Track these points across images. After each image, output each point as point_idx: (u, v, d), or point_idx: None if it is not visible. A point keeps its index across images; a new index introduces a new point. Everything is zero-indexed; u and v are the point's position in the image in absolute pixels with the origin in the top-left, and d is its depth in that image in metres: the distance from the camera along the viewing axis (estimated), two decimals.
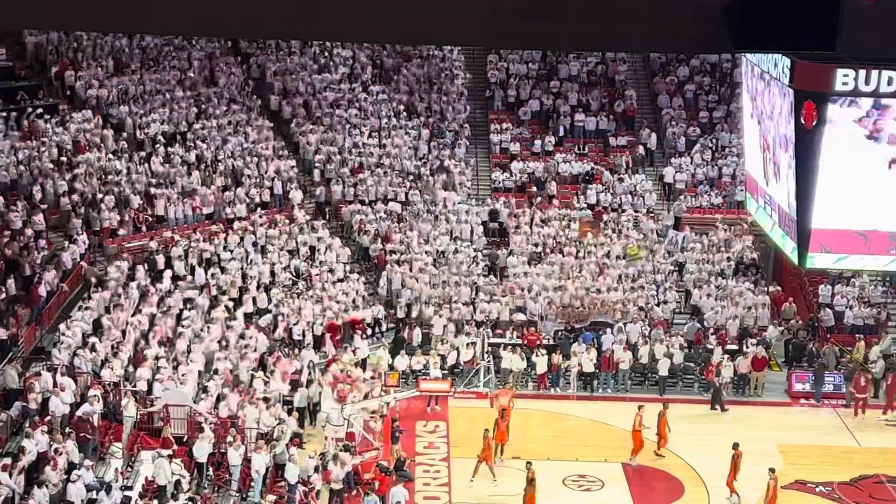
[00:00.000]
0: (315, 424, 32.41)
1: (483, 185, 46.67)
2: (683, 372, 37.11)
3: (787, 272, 40.96)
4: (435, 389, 34.86)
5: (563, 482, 30.65)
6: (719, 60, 50.30)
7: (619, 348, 36.77)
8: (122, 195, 39.14)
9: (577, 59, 50.63)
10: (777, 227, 25.47)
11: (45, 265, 34.41)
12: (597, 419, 34.91)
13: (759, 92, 25.45)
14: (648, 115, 49.83)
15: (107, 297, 34.09)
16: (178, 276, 37.18)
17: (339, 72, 49.37)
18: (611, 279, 40.17)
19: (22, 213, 36.20)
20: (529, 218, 43.73)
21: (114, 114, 43.18)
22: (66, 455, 25.64)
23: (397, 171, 45.08)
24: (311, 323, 36.42)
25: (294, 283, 38.52)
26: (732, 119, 47.06)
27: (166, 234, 38.89)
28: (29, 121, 40.61)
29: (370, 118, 47.52)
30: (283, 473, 28.05)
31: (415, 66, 50.39)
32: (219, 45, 49.23)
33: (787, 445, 33.24)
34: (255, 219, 40.83)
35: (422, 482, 30.28)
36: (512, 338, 37.81)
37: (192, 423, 28.71)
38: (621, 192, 45.04)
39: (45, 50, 44.73)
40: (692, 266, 41.59)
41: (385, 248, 41.02)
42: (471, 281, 40.00)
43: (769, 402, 36.50)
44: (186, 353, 31.93)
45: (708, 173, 46.27)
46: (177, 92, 45.68)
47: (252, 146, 44.32)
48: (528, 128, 48.71)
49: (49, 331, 32.92)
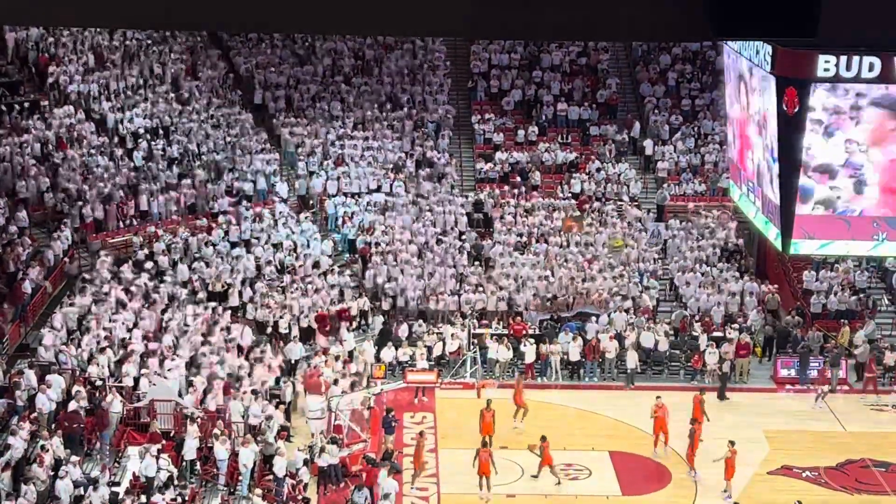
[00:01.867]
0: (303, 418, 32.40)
1: (467, 175, 46.67)
2: (669, 359, 37.22)
3: (772, 259, 41.11)
4: (422, 381, 34.90)
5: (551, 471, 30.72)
6: (701, 48, 50.39)
7: (604, 337, 36.85)
8: (104, 190, 39.01)
9: (560, 49, 50.65)
10: (760, 213, 25.50)
11: (28, 262, 34.28)
12: (583, 408, 34.99)
13: (740, 79, 25.48)
14: (631, 103, 49.89)
15: (91, 292, 33.99)
16: (161, 270, 37.09)
17: (321, 64, 49.29)
18: (595, 268, 40.23)
19: (5, 209, 36.05)
20: (514, 208, 43.76)
21: (95, 109, 43.03)
22: (53, 451, 25.58)
23: (381, 162, 45.05)
24: (297, 316, 36.40)
25: (279, 276, 38.48)
26: (715, 107, 47.15)
27: (150, 229, 38.81)
28: (10, 117, 40.43)
29: (353, 110, 47.46)
30: (271, 467, 28.04)
31: (396, 57, 50.33)
32: (200, 38, 49.08)
33: (773, 431, 33.40)
34: (238, 212, 40.74)
35: (409, 473, 30.28)
36: (498, 328, 37.87)
37: (179, 418, 28.68)
38: (604, 181, 45.09)
39: (25, 45, 44.52)
40: (676, 253, 41.69)
41: (369, 240, 41.01)
42: (456, 272, 40.03)
43: (755, 388, 36.64)
44: (172, 348, 31.86)
45: (691, 161, 46.36)
46: (158, 86, 45.54)
47: (235, 139, 44.22)
48: (511, 118, 48.72)
49: (33, 328, 32.82)
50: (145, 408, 28.97)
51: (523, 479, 30.23)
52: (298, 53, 49.79)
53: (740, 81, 25.57)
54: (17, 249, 34.43)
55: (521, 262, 40.50)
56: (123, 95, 44.29)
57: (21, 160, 38.70)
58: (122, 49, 46.66)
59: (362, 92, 48.46)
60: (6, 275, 33.29)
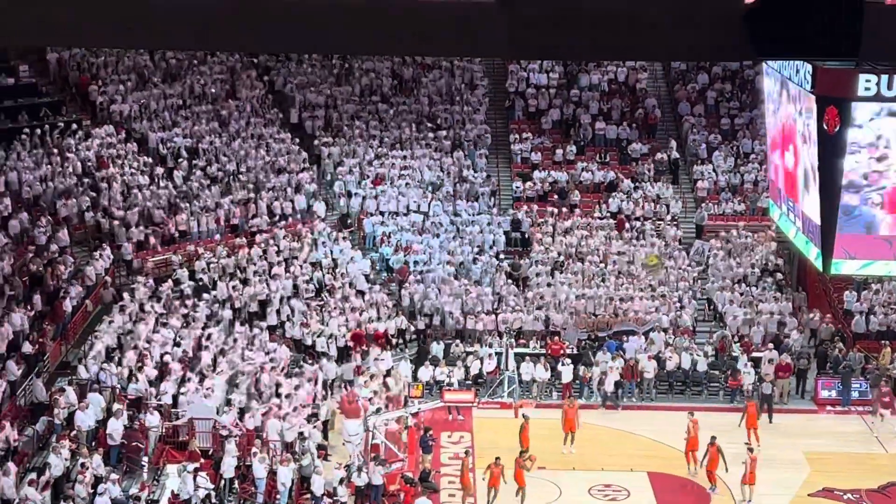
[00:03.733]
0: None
1: (505, 194, 46.67)
2: (708, 380, 36.98)
3: (812, 278, 40.75)
4: (459, 400, 34.84)
5: (589, 492, 30.57)
6: (741, 67, 50.16)
7: (643, 357, 36.68)
8: (145, 210, 39.31)
9: (598, 68, 50.62)
10: (800, 233, 25.37)
11: (70, 280, 34.57)
12: (622, 428, 34.79)
13: (780, 98, 25.37)
14: (669, 122, 49.76)
15: (131, 311, 34.23)
16: (201, 289, 37.29)
17: (359, 83, 49.52)
18: (634, 287, 40.08)
19: (46, 228, 36.40)
20: (552, 227, 43.70)
21: (136, 128, 43.43)
22: (93, 469, 25.74)
23: (418, 182, 45.14)
24: (335, 335, 36.47)
25: (317, 295, 38.58)
26: (755, 126, 46.94)
27: (189, 248, 39.05)
28: (52, 137, 40.87)
29: (391, 129, 47.61)
30: (309, 486, 28.06)
31: (434, 76, 50.48)
32: (239, 59, 49.47)
33: (814, 453, 33.04)
34: (277, 232, 40.93)
35: (447, 493, 30.23)
36: (535, 348, 37.78)
37: (218, 437, 28.77)
38: (643, 200, 44.95)
39: (67, 66, 45.03)
40: (716, 273, 41.46)
41: (407, 259, 41.06)
42: (493, 291, 39.99)
43: (795, 409, 36.29)
44: (211, 367, 32.00)
45: (730, 180, 46.14)
46: (198, 106, 45.93)
47: (274, 159, 44.47)
48: (549, 137, 48.69)
49: (74, 346, 33.08)
50: (184, 426, 29.08)
51: (561, 499, 30.08)
52: (337, 73, 50.03)
53: (780, 101, 25.46)
54: (58, 268, 34.73)
55: (558, 282, 40.41)
56: (164, 115, 44.69)
57: (62, 179, 39.08)
58: (164, 69, 47.11)
59: (400, 111, 48.62)
60: (47, 293, 33.57)
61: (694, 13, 11.16)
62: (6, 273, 33.06)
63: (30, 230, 36.19)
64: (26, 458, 26.79)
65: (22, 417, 28.36)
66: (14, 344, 30.28)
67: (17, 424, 27.55)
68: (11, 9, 12.90)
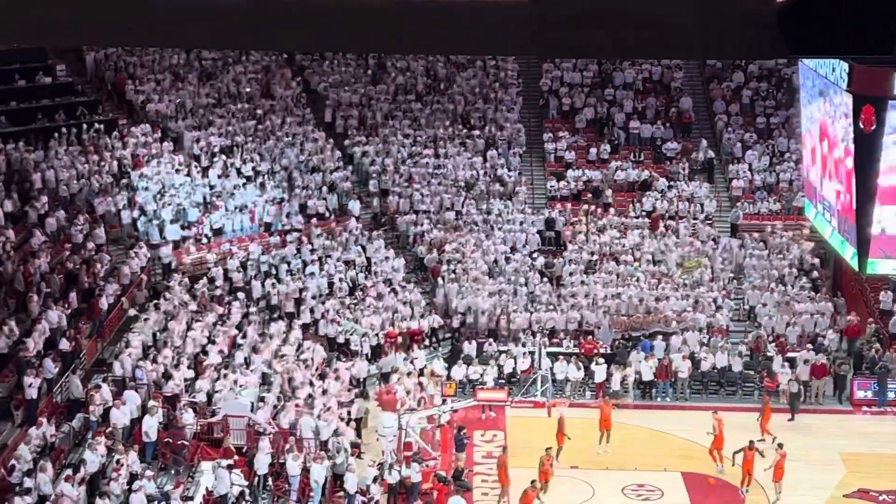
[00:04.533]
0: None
1: (538, 193, 46.61)
2: (743, 380, 36.80)
3: (848, 278, 40.46)
4: (492, 399, 34.85)
5: (623, 491, 30.52)
6: (776, 65, 49.89)
7: (677, 357, 36.55)
8: (180, 208, 39.55)
9: (633, 67, 50.47)
10: (836, 233, 25.18)
11: (106, 278, 34.84)
12: (655, 428, 34.69)
13: (816, 97, 25.21)
14: (704, 121, 49.54)
15: (167, 309, 34.45)
16: (235, 287, 37.48)
17: (393, 82, 49.61)
18: (668, 287, 39.95)
19: (83, 226, 36.69)
20: (585, 226, 43.62)
21: (172, 127, 43.71)
22: (128, 466, 25.93)
23: (452, 181, 45.17)
24: (368, 333, 36.56)
25: (351, 293, 38.69)
26: (790, 124, 46.65)
27: (224, 247, 39.24)
28: (89, 135, 41.20)
29: (424, 128, 47.67)
30: (342, 483, 28.15)
31: (468, 75, 50.49)
32: (274, 58, 49.67)
33: (850, 454, 32.84)
34: (311, 230, 41.06)
35: (480, 492, 30.25)
36: (569, 347, 37.73)
37: (252, 434, 28.91)
38: (677, 199, 44.78)
39: (104, 65, 45.38)
40: (751, 273, 41.25)
41: (441, 258, 41.10)
42: (527, 290, 39.97)
43: (831, 409, 36.06)
44: (245, 364, 32.15)
45: (766, 179, 45.89)
46: (233, 105, 46.17)
47: (308, 158, 44.62)
48: (583, 136, 48.60)
49: (110, 343, 33.33)
50: (218, 423, 29.24)
51: (594, 498, 30.04)
52: (371, 72, 50.14)
53: (816, 99, 25.29)
54: (94, 266, 35.00)
55: (592, 281, 40.33)
56: (199, 113, 44.96)
57: (99, 178, 39.38)
58: (198, 68, 47.39)
59: (434, 110, 48.66)
60: (84, 291, 33.84)
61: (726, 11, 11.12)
62: (43, 271, 33.35)
63: (66, 228, 36.49)
64: (63, 454, 27.04)
65: (58, 414, 28.64)
66: (51, 341, 30.54)
67: (54, 421, 27.82)
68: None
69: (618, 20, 11.42)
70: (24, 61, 42.87)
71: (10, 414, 28.27)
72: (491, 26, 11.66)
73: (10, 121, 40.52)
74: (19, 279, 32.64)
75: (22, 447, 25.82)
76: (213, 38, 13.35)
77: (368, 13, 11.55)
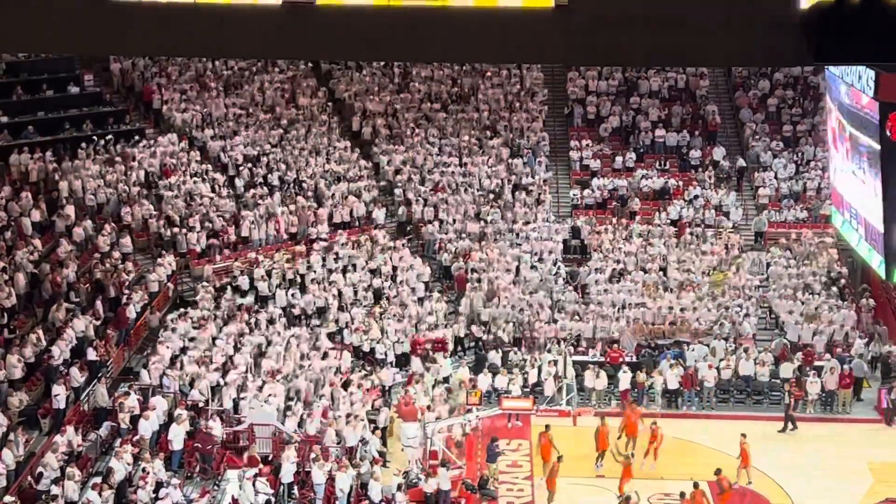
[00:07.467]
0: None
1: (564, 202, 46.56)
2: (770, 389, 36.62)
3: (876, 286, 40.25)
4: (517, 408, 34.77)
5: (649, 500, 30.37)
6: (802, 73, 49.73)
7: (703, 365, 36.41)
8: (206, 217, 39.71)
9: (658, 75, 50.41)
10: (863, 241, 25.07)
11: (133, 287, 35.00)
12: (681, 437, 34.54)
13: (842, 104, 25.10)
14: (731, 129, 49.40)
15: (193, 318, 34.58)
16: (261, 296, 37.59)
17: (418, 91, 49.68)
18: (693, 297, 39.80)
19: (110, 235, 36.89)
20: (611, 235, 43.54)
21: (198, 137, 43.91)
22: (154, 473, 26.03)
23: (477, 189, 45.17)
24: (394, 342, 36.59)
25: (376, 302, 38.73)
26: (817, 132, 46.45)
27: (250, 255, 39.37)
28: (116, 145, 41.44)
29: (450, 137, 47.71)
30: (367, 492, 28.15)
31: (493, 84, 50.52)
32: (300, 67, 49.84)
33: (877, 463, 32.60)
34: (337, 239, 41.14)
35: (505, 500, 30.18)
36: (595, 355, 37.64)
37: (278, 442, 28.96)
38: (703, 207, 44.64)
39: (131, 75, 45.66)
40: (777, 281, 41.07)
41: (465, 266, 41.09)
42: (552, 299, 39.91)
43: (858, 419, 35.83)
44: (271, 373, 32.23)
45: (792, 187, 45.70)
46: (259, 114, 46.35)
47: (333, 166, 44.71)
48: (608, 144, 48.54)
49: (136, 352, 33.49)
50: (244, 431, 29.31)
51: None
52: (396, 81, 50.24)
53: (842, 107, 25.19)
54: (121, 275, 35.18)
55: (616, 290, 40.24)
56: (225, 123, 45.15)
57: (126, 187, 39.60)
58: (224, 78, 47.60)
59: (459, 119, 48.70)
60: (110, 300, 34.02)
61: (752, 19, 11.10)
62: (70, 280, 33.55)
63: (94, 237, 36.71)
64: (90, 462, 27.17)
65: (85, 422, 28.78)
66: (78, 350, 30.71)
67: (81, 429, 27.97)
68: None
69: (643, 28, 11.42)
70: (52, 72, 43.20)
71: (37, 422, 28.46)
72: (518, 34, 11.69)
73: (39, 131, 40.81)
74: (47, 288, 32.87)
75: (49, 455, 25.97)
76: (243, 47, 13.45)
77: (395, 22, 11.60)
